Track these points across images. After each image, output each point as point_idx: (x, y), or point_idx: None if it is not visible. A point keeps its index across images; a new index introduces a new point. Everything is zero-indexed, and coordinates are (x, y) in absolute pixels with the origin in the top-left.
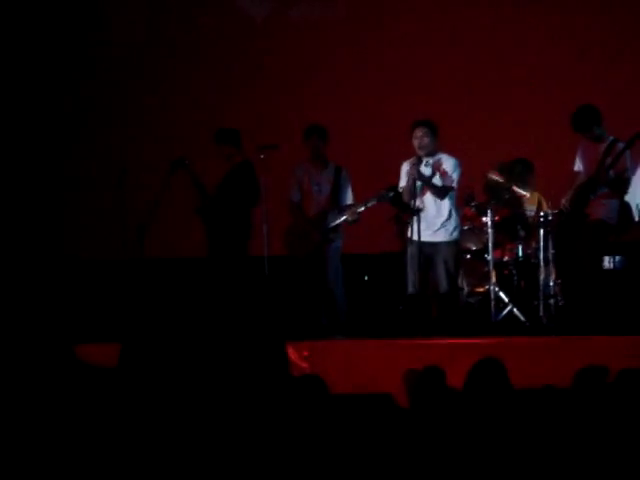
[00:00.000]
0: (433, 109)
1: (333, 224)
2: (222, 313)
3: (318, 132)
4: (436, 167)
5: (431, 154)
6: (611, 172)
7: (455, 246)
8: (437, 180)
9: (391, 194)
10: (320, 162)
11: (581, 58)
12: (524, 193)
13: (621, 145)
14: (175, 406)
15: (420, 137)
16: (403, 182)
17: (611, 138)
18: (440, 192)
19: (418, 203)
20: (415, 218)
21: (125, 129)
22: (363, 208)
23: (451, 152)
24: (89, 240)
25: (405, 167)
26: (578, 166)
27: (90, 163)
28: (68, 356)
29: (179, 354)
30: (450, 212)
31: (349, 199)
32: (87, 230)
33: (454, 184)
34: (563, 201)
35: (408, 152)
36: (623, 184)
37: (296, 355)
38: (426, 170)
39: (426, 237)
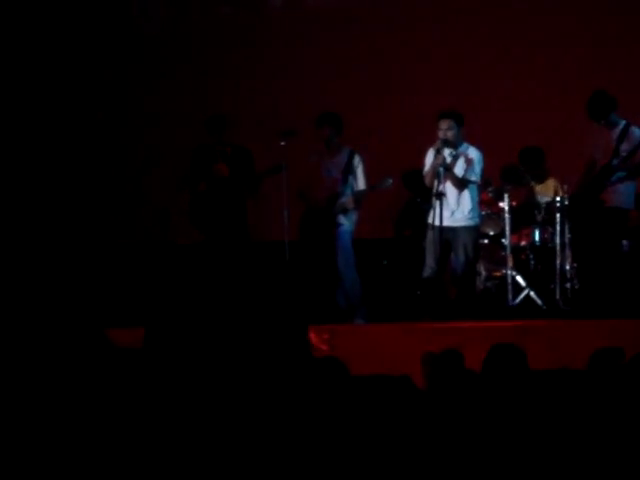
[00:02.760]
0: (449, 96)
1: (336, 208)
2: (246, 297)
3: (329, 121)
4: (460, 155)
5: (455, 145)
6: (628, 161)
7: (474, 231)
8: (460, 166)
9: (390, 181)
10: (334, 148)
11: (597, 44)
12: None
13: (635, 130)
14: (198, 388)
15: (445, 130)
16: (427, 167)
17: (624, 122)
18: (459, 183)
19: (440, 188)
20: (437, 203)
21: (150, 114)
22: (363, 194)
23: (473, 142)
24: (115, 225)
25: (430, 152)
26: (591, 152)
27: (115, 150)
28: (100, 339)
29: (203, 338)
30: (471, 198)
31: (361, 184)
32: (114, 215)
33: (476, 177)
34: (565, 187)
35: (424, 138)
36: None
37: (316, 338)
38: (449, 158)
39: (447, 222)
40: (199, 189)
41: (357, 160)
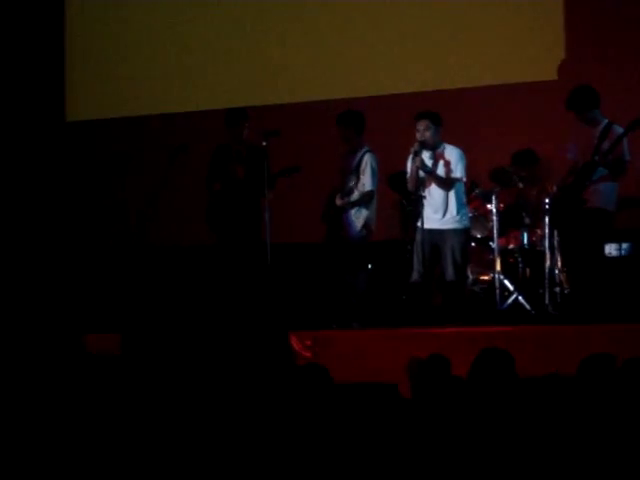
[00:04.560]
0: (439, 96)
1: (333, 209)
2: (225, 303)
3: (343, 120)
4: (439, 157)
5: (434, 147)
6: (609, 156)
7: (463, 234)
8: (441, 170)
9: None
10: (353, 148)
11: (589, 44)
12: None
13: (617, 128)
14: (178, 395)
15: (422, 131)
16: (409, 171)
17: (606, 121)
18: (444, 183)
19: (424, 192)
20: (420, 206)
21: (127, 117)
22: (364, 195)
23: (455, 142)
24: (92, 228)
25: (411, 156)
26: (571, 153)
27: (92, 153)
28: (77, 347)
29: (181, 343)
30: (458, 200)
31: (367, 184)
32: (89, 218)
33: (460, 175)
34: (554, 187)
35: (410, 139)
36: (622, 166)
37: (299, 344)
38: (430, 161)
39: (434, 225)
40: (214, 189)
41: (366, 160)
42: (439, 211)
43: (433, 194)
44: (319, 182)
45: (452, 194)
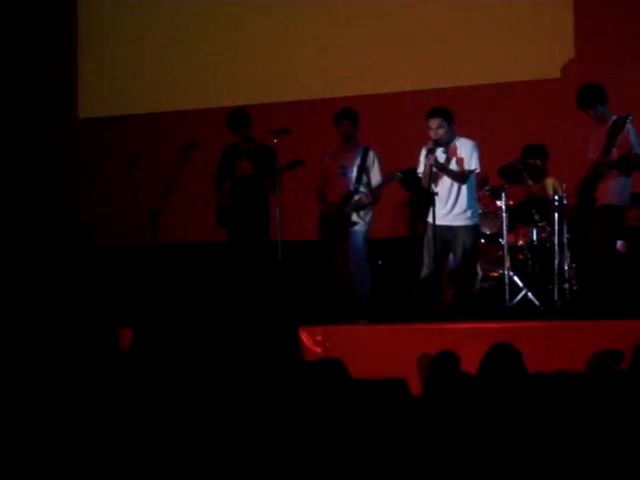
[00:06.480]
0: (447, 93)
1: (349, 207)
2: (235, 299)
3: (350, 116)
4: (452, 153)
5: (448, 142)
6: (614, 152)
7: (474, 231)
8: (454, 164)
9: (400, 175)
10: (349, 145)
11: (599, 43)
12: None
13: (625, 124)
14: (188, 391)
15: (435, 129)
16: (421, 167)
17: (614, 117)
18: (459, 177)
19: (435, 188)
20: (431, 202)
21: (138, 114)
22: (375, 189)
23: (467, 135)
24: (102, 226)
25: (423, 152)
26: (590, 152)
27: (103, 149)
28: (110, 342)
29: (192, 339)
30: (469, 196)
31: (377, 180)
32: (100, 216)
33: (475, 166)
34: (564, 185)
35: (421, 136)
36: (632, 160)
37: (310, 340)
38: (443, 157)
39: (444, 221)
40: (224, 188)
41: (372, 156)
42: (448, 207)
43: (445, 190)
44: None
45: (464, 190)
